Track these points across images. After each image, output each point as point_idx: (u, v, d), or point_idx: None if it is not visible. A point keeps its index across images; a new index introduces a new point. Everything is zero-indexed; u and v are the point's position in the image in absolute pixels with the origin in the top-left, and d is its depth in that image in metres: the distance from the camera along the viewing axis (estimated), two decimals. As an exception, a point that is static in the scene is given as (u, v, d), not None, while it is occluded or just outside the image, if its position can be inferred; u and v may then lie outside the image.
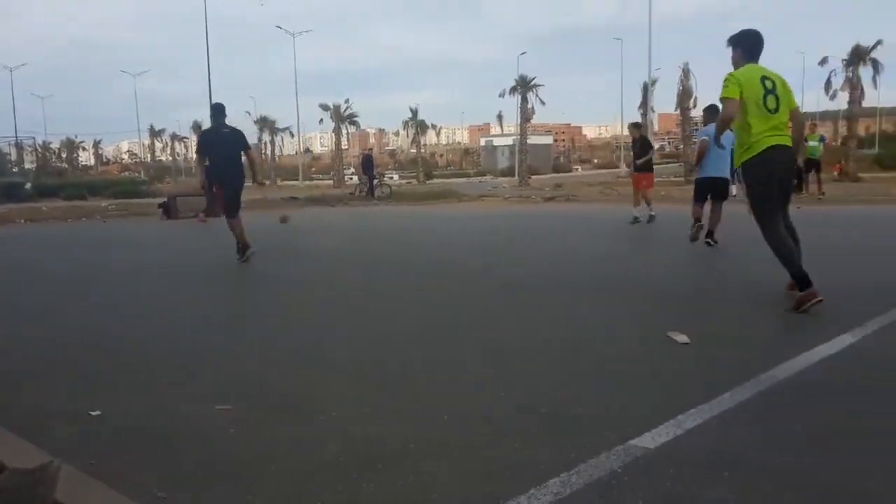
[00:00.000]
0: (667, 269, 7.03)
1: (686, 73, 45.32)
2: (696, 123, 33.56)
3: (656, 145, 53.16)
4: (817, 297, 4.79)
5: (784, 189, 5.28)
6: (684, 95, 45.46)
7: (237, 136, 8.63)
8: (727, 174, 9.15)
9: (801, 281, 4.88)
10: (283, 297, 6.37)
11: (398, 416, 3.01)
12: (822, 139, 21.04)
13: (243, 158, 8.70)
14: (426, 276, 7.54)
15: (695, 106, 46.02)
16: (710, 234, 9.00)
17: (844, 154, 36.83)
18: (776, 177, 5.10)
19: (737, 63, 5.31)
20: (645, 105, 50.70)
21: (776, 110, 5.05)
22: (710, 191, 9.23)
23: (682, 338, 4.14)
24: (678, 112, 48.29)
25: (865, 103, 38.85)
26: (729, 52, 5.36)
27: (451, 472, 2.42)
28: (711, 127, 8.35)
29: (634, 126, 14.24)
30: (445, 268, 8.09)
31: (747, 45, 5.31)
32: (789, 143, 5.16)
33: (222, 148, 8.45)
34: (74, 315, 5.73)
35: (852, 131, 35.13)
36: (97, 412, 3.12)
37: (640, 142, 13.45)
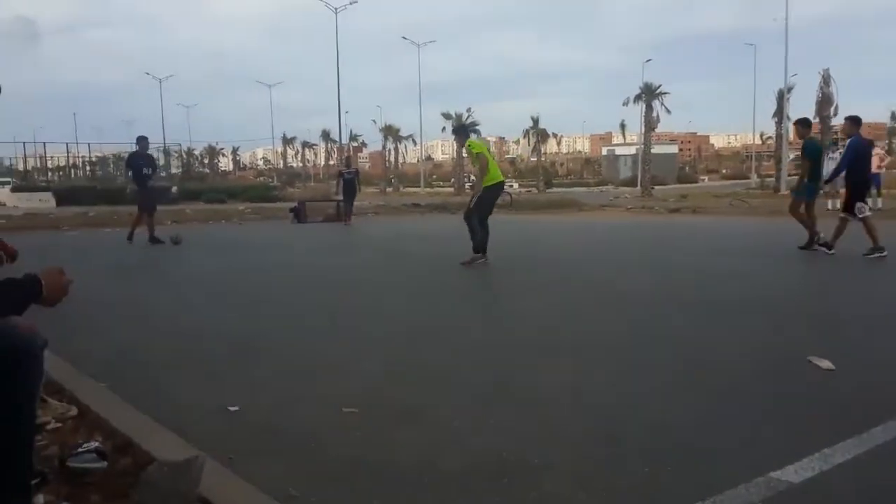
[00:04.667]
0: (811, 287, 6.58)
1: (826, 79, 42.63)
2: (836, 132, 31.14)
3: (791, 156, 50.34)
4: (484, 259, 8.73)
5: (495, 203, 9.33)
6: (824, 103, 42.68)
7: (150, 159, 13.90)
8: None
9: (480, 250, 8.74)
10: (406, 305, 6.46)
11: (521, 431, 2.97)
12: None
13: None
14: (556, 287, 7.42)
15: (835, 114, 43.09)
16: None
17: None
18: (498, 197, 9.38)
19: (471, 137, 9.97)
20: (780, 114, 47.98)
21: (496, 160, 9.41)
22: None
23: (825, 363, 3.86)
24: (817, 121, 45.40)
25: None
26: None
27: (576, 494, 2.36)
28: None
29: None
30: (581, 279, 7.94)
31: (466, 132, 10.68)
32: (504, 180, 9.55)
33: (144, 164, 13.19)
34: (210, 314, 6.06)
35: None
36: (235, 408, 3.28)
37: None
